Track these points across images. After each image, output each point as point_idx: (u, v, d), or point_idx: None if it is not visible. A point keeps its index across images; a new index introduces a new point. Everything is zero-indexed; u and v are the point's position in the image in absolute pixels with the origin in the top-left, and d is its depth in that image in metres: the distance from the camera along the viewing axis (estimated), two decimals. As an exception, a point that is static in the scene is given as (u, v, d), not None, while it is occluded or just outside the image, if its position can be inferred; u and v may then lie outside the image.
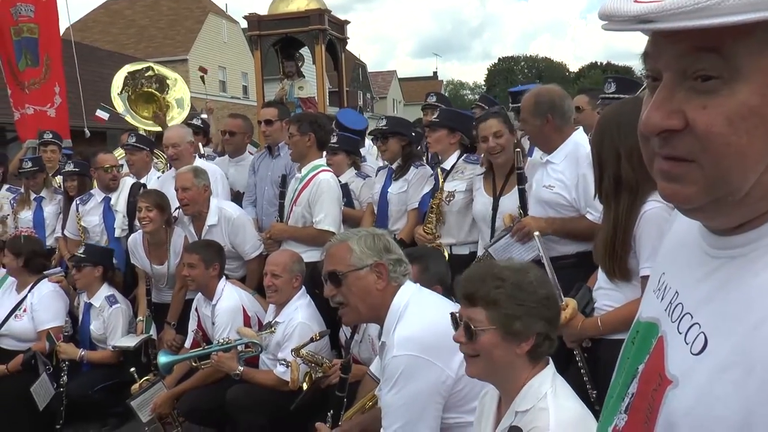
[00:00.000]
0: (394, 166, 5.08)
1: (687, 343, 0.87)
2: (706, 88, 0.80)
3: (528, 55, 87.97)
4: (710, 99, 0.80)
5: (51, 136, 7.06)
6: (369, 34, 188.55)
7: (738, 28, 0.75)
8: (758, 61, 0.77)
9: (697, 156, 0.82)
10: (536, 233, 3.43)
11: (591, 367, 3.01)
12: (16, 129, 8.37)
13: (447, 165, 4.69)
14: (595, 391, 2.92)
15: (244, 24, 9.18)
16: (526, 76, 77.01)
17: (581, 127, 3.96)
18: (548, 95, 3.78)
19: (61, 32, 8.75)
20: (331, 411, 3.15)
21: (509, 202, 4.10)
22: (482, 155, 4.44)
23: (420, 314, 2.60)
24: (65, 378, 4.97)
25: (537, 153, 4.20)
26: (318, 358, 3.89)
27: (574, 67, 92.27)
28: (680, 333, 0.90)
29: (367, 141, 6.72)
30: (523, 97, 3.89)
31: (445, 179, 4.58)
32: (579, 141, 3.76)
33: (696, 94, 0.81)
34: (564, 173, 3.70)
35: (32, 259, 5.45)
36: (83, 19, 36.25)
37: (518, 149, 4.04)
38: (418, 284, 2.82)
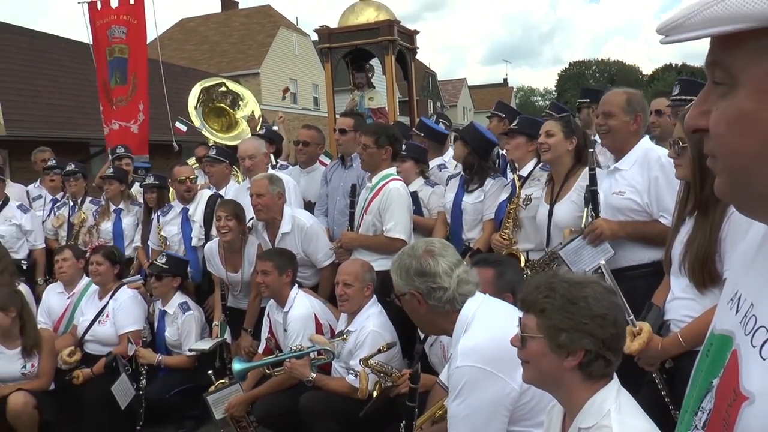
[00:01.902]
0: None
1: (763, 359, 0.85)
2: (720, 92, 0.88)
3: (600, 59, 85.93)
4: (719, 103, 0.87)
5: (123, 150, 7.36)
6: (438, 42, 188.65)
7: (727, 41, 0.83)
8: (750, 69, 0.83)
9: (715, 154, 0.90)
10: (602, 263, 3.37)
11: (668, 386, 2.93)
12: (106, 143, 8.83)
13: (524, 172, 4.68)
14: (678, 413, 2.82)
15: (314, 37, 9.34)
16: (597, 80, 75.41)
17: (647, 136, 3.89)
18: (639, 96, 3.80)
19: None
20: (404, 422, 3.17)
21: (562, 209, 4.09)
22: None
23: (485, 325, 2.58)
24: (144, 381, 5.16)
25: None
26: (387, 368, 3.91)
27: (647, 69, 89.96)
28: (754, 347, 0.88)
29: (451, 149, 6.76)
30: (610, 93, 3.85)
31: (522, 186, 4.58)
32: (648, 147, 3.73)
33: (717, 98, 0.88)
34: (635, 178, 3.64)
35: (124, 269, 5.82)
36: (159, 37, 37.48)
37: (591, 149, 3.99)
38: (487, 294, 2.80)
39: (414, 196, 5.29)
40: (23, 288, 5.69)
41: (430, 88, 51.14)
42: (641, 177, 3.61)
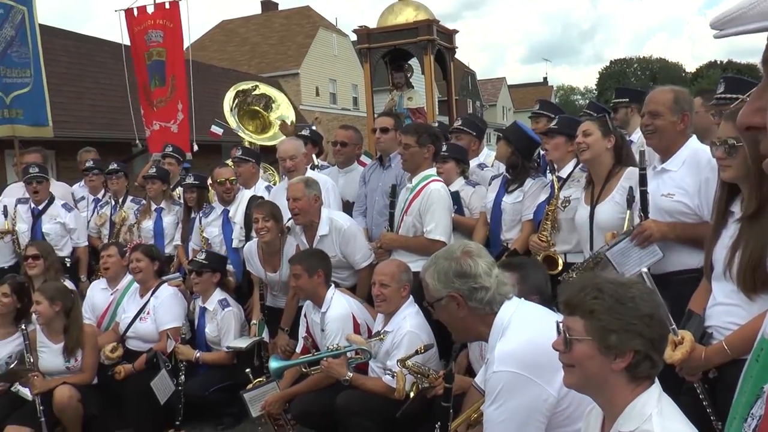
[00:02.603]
0: (510, 175, 5.06)
1: None
2: None
3: (641, 57, 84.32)
4: None
5: (171, 149, 7.46)
6: (478, 41, 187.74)
7: None
8: None
9: None
10: (644, 270, 3.27)
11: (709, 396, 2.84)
12: (147, 145, 9.02)
13: (563, 173, 4.62)
14: (720, 423, 2.72)
15: (353, 37, 9.37)
16: (639, 78, 74.20)
17: (694, 135, 3.78)
18: (686, 94, 3.69)
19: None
20: (439, 422, 3.14)
21: (604, 210, 4.01)
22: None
23: (522, 330, 2.55)
24: (183, 378, 5.24)
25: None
26: (424, 369, 3.90)
27: (691, 67, 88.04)
28: None
29: (486, 149, 6.73)
30: (656, 92, 3.75)
31: (561, 187, 4.52)
32: (697, 147, 3.62)
33: None
34: (684, 180, 3.54)
35: (164, 265, 5.93)
36: (200, 39, 38.08)
37: (642, 149, 3.92)
38: (522, 298, 2.77)
39: (456, 195, 5.28)
40: (69, 284, 5.84)
41: (470, 87, 50.97)
42: (691, 179, 3.51)
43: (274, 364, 4.41)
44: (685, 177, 3.54)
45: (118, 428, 5.34)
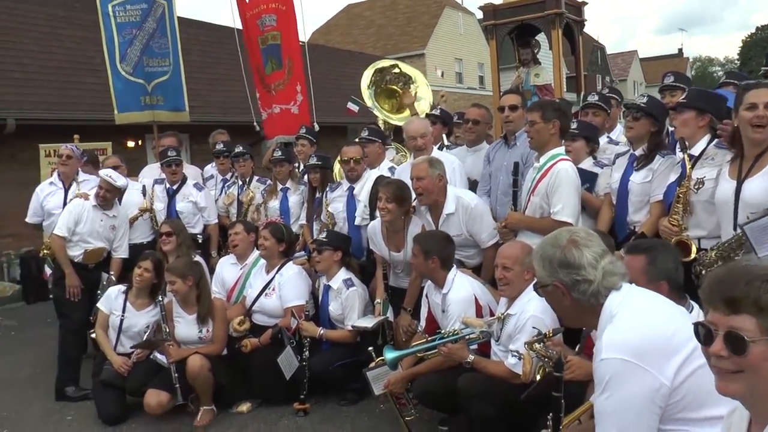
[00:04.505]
0: (637, 153, 4.78)
1: None
2: None
3: (796, 20, 77.41)
4: None
5: (304, 131, 7.60)
6: (608, 13, 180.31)
7: None
8: None
9: None
10: None
11: None
12: (263, 128, 9.20)
13: (695, 151, 4.26)
14: None
15: (480, 14, 9.18)
16: (789, 46, 68.53)
17: None
18: None
19: (304, 37, 9.41)
20: (551, 414, 2.99)
21: (754, 186, 3.65)
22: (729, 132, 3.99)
23: (631, 317, 2.39)
24: (307, 353, 5.36)
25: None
26: (551, 353, 3.77)
27: None
28: None
29: (619, 126, 6.42)
30: None
31: (693, 166, 4.18)
32: None
33: None
34: None
35: (291, 246, 6.06)
36: (326, 24, 38.78)
37: None
38: (634, 285, 2.60)
39: (590, 174, 5.14)
40: (199, 260, 6.12)
41: (599, 62, 49.06)
42: None
43: (389, 355, 4.41)
44: None
45: (246, 398, 5.55)
